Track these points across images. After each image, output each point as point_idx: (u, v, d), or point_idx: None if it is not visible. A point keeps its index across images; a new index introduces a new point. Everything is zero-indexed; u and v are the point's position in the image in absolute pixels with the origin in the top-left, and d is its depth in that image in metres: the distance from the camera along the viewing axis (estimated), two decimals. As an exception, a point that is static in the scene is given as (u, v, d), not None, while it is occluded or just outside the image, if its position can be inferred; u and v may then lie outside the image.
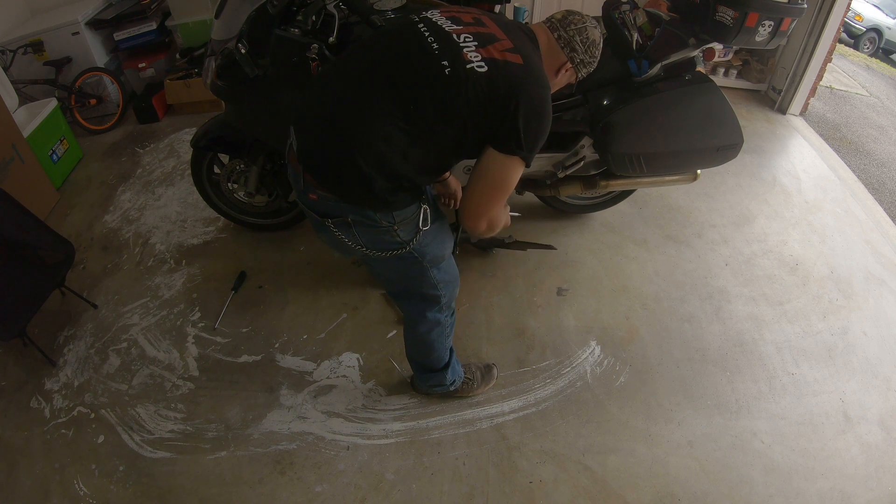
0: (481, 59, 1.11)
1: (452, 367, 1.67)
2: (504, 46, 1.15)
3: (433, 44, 1.14)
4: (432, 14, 1.22)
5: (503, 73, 1.12)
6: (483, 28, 1.18)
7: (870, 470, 1.66)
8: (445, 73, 1.10)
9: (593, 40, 1.27)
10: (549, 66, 1.27)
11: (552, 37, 1.26)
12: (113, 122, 3.38)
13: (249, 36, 1.66)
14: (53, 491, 1.59)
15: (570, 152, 2.09)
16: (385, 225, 1.23)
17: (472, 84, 1.10)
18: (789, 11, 1.68)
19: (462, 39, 1.14)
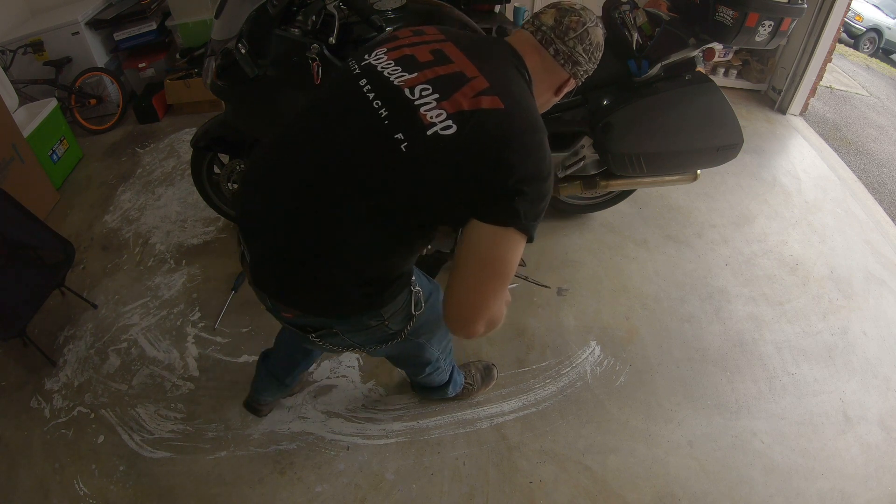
0: (446, 118, 0.84)
1: (454, 382, 1.66)
2: (476, 88, 0.87)
3: (380, 110, 0.87)
4: (377, 59, 0.94)
5: (479, 129, 0.84)
6: (446, 66, 0.90)
7: (870, 470, 1.66)
8: (402, 150, 0.84)
9: (598, 43, 1.01)
10: (545, 88, 1.03)
11: (547, 54, 0.99)
12: (113, 122, 3.37)
13: (249, 36, 1.66)
14: (53, 491, 1.59)
15: (570, 152, 2.09)
16: (375, 324, 1.05)
17: (440, 155, 0.84)
18: (789, 11, 1.68)
19: (418, 94, 0.87)
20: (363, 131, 0.88)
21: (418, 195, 0.87)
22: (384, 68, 0.92)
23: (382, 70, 0.91)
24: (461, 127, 0.84)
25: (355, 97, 0.91)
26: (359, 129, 0.89)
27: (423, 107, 0.85)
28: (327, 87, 1.02)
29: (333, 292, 0.95)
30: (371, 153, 0.87)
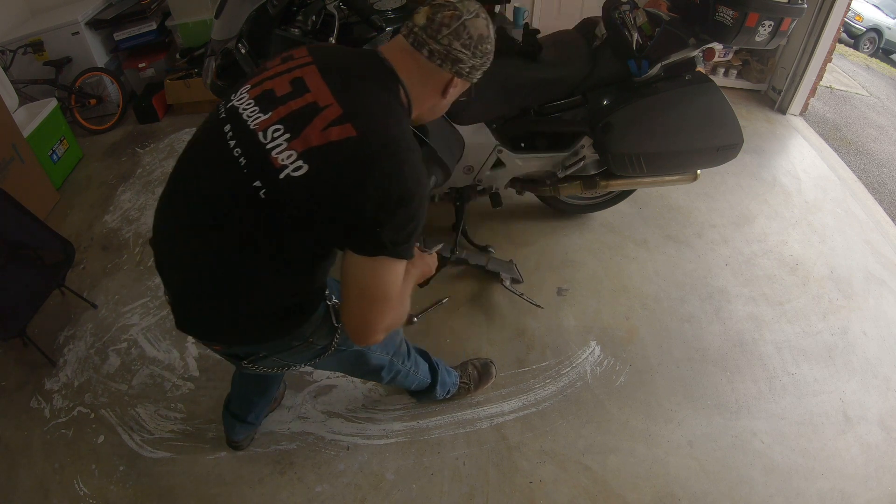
0: (296, 158, 0.82)
1: (441, 382, 1.64)
2: (328, 119, 0.84)
3: (240, 158, 0.87)
4: (240, 99, 0.92)
5: (328, 164, 0.82)
6: (302, 98, 0.87)
7: (870, 470, 1.66)
8: (261, 197, 0.84)
9: (480, 34, 0.94)
10: (428, 94, 0.99)
11: (421, 56, 0.94)
12: (113, 122, 3.37)
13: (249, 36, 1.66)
14: (53, 491, 1.59)
15: (570, 152, 2.09)
16: (298, 343, 1.06)
17: (295, 197, 0.83)
18: (789, 11, 1.68)
19: (270, 137, 0.85)
20: (228, 182, 0.88)
21: (288, 238, 0.88)
22: (244, 110, 0.90)
23: (242, 112, 0.90)
24: (311, 165, 0.82)
25: (219, 145, 0.90)
26: (223, 179, 0.89)
27: (274, 150, 0.84)
28: (199, 130, 1.00)
29: (245, 325, 0.98)
30: (237, 203, 0.88)
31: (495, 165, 2.10)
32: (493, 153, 2.06)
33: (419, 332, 2.01)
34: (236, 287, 0.94)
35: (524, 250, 2.35)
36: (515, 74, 1.91)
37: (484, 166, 2.10)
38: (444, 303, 2.10)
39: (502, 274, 2.14)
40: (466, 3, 0.95)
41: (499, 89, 1.93)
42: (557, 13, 3.88)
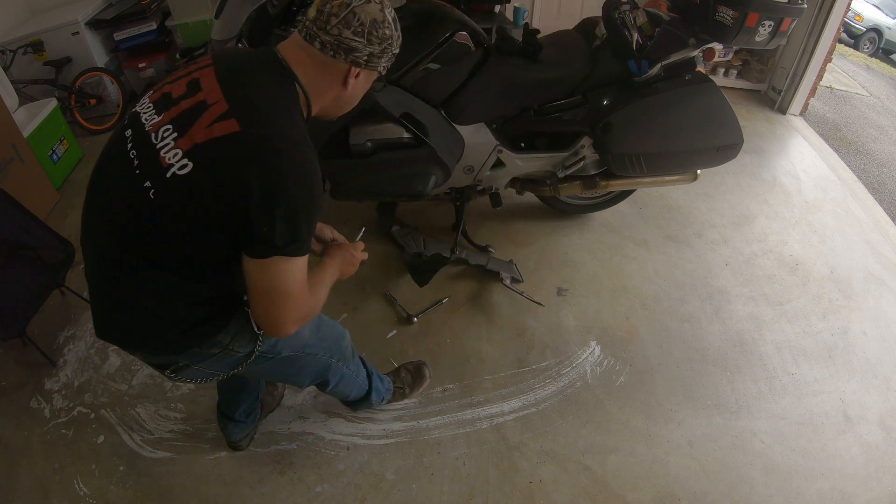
0: (182, 156, 0.83)
1: (376, 389, 1.60)
2: (214, 115, 0.83)
3: (134, 160, 0.87)
4: (142, 105, 0.93)
5: (210, 161, 0.83)
6: (193, 98, 0.87)
7: (870, 470, 1.66)
8: (151, 197, 0.84)
9: (373, 19, 0.91)
10: (327, 86, 0.97)
11: (314, 49, 0.92)
12: (113, 122, 3.37)
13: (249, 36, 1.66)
14: (53, 491, 1.59)
15: (570, 152, 2.09)
16: (217, 351, 1.03)
17: (179, 195, 0.83)
18: (789, 11, 1.68)
19: (160, 137, 0.85)
20: (124, 184, 0.89)
21: (179, 240, 0.87)
22: (143, 113, 0.91)
23: (142, 115, 0.91)
24: (195, 162, 0.82)
25: (119, 149, 0.91)
26: (122, 182, 0.90)
27: (163, 149, 0.84)
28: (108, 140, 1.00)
29: (159, 335, 0.98)
30: (130, 206, 0.88)
31: (495, 165, 2.10)
32: (493, 153, 2.06)
33: (419, 332, 2.01)
34: (143, 297, 0.94)
35: (524, 250, 2.35)
36: (515, 74, 1.91)
37: (484, 166, 2.10)
38: (444, 303, 2.10)
39: (502, 273, 2.14)
40: None
41: (499, 89, 1.93)
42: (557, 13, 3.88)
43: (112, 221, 0.92)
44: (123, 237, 0.90)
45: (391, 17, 0.96)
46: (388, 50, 0.97)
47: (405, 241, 2.25)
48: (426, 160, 1.90)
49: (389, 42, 0.96)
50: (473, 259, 2.20)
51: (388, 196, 2.08)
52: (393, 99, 1.81)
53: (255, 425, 1.67)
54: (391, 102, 1.80)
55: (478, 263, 2.19)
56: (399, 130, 1.87)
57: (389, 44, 0.96)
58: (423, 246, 2.22)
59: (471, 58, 1.89)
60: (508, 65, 1.92)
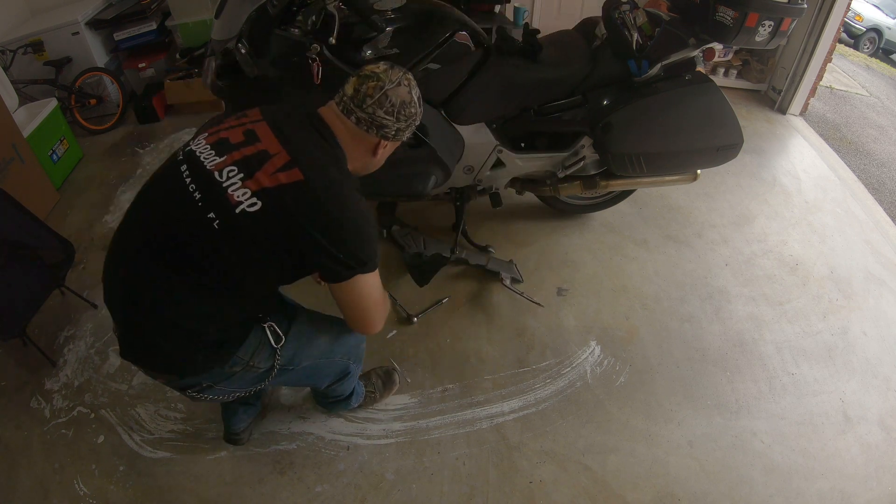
0: (251, 196, 0.95)
1: (356, 394, 1.64)
2: (277, 164, 0.96)
3: (195, 193, 0.98)
4: (197, 144, 1.05)
5: (281, 202, 0.95)
6: (254, 146, 1.00)
7: (870, 470, 1.66)
8: (215, 227, 0.95)
9: (402, 101, 1.06)
10: (360, 153, 1.11)
11: (349, 122, 1.06)
12: (113, 122, 3.37)
13: (249, 36, 1.66)
14: (53, 491, 1.59)
15: (570, 152, 2.09)
16: (239, 369, 1.11)
17: (248, 229, 0.95)
18: (789, 11, 1.68)
19: (226, 176, 0.97)
20: (181, 213, 0.99)
21: (235, 268, 0.99)
22: (201, 153, 1.02)
23: (199, 155, 1.02)
24: (265, 204, 0.95)
25: (176, 182, 1.01)
26: (179, 213, 0.99)
27: (230, 187, 0.96)
28: (156, 172, 1.11)
29: (188, 356, 1.06)
30: (188, 233, 0.98)
31: (495, 165, 2.10)
32: (493, 153, 2.06)
33: (419, 332, 2.01)
34: (182, 318, 1.02)
35: (524, 250, 2.35)
36: (515, 74, 1.91)
37: (484, 166, 2.10)
38: (444, 303, 2.10)
39: (502, 273, 2.14)
40: (390, 73, 1.06)
41: (499, 89, 1.93)
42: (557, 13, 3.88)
43: (163, 247, 1.00)
44: (177, 261, 0.99)
45: (416, 96, 1.10)
46: (412, 124, 1.12)
47: (405, 241, 2.25)
48: (426, 160, 1.90)
49: (414, 118, 1.11)
50: (473, 259, 2.20)
51: (388, 196, 2.08)
52: (393, 99, 1.81)
53: (259, 408, 1.68)
54: (391, 102, 1.80)
55: (478, 263, 2.19)
56: (399, 130, 1.87)
57: (414, 119, 1.12)
58: (423, 246, 2.23)
59: (471, 58, 1.89)
60: (508, 65, 1.92)
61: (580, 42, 2.01)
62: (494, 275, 2.16)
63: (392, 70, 1.07)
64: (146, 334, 1.05)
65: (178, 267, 0.99)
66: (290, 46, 1.65)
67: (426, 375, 1.87)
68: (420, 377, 1.86)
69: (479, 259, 2.21)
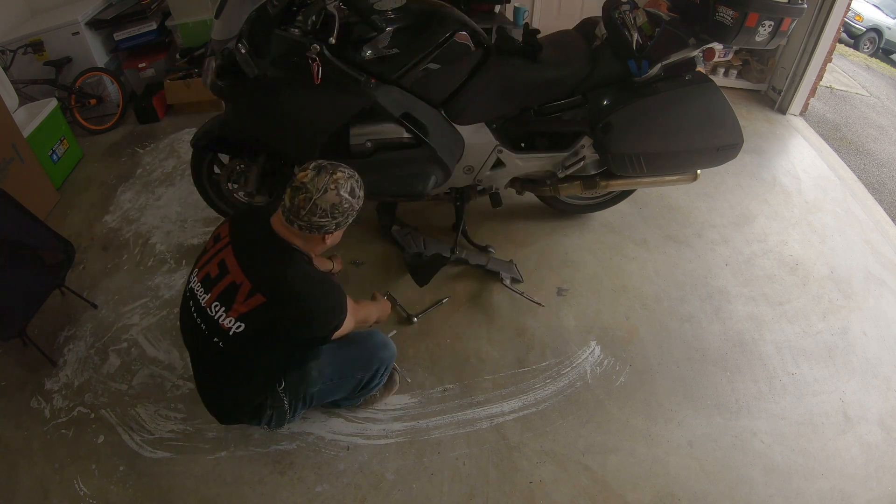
0: (235, 320, 1.26)
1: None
2: (244, 292, 1.25)
3: (201, 325, 1.31)
4: (194, 283, 1.36)
5: (257, 322, 1.26)
6: (225, 279, 1.28)
7: (870, 470, 1.66)
8: (220, 346, 1.29)
9: (332, 204, 1.24)
10: (311, 245, 1.34)
11: (294, 229, 1.28)
12: (113, 122, 3.37)
13: (249, 36, 1.66)
14: (53, 491, 1.59)
15: (570, 152, 2.09)
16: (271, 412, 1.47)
17: (242, 344, 1.27)
18: (789, 11, 1.68)
19: (214, 311, 1.28)
20: (198, 339, 1.34)
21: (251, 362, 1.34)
22: (197, 291, 1.34)
23: (196, 293, 1.34)
24: (246, 324, 1.26)
25: (189, 316, 1.36)
26: (196, 337, 1.36)
27: (220, 319, 1.28)
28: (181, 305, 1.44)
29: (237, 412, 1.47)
30: (207, 350, 1.33)
31: (495, 165, 2.10)
32: (493, 153, 2.06)
33: (419, 332, 2.01)
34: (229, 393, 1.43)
35: (524, 250, 2.35)
36: (515, 74, 1.91)
37: (484, 166, 2.10)
38: (444, 303, 2.10)
39: (502, 273, 2.14)
40: (316, 181, 1.23)
41: (499, 89, 1.93)
42: (557, 13, 3.88)
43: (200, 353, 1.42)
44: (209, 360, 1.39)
45: (347, 192, 1.26)
46: (350, 215, 1.31)
47: (405, 241, 2.25)
48: (426, 160, 1.90)
49: (351, 211, 1.30)
50: (473, 259, 2.20)
51: (388, 196, 2.08)
52: (393, 99, 1.81)
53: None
54: (391, 102, 1.80)
55: (478, 263, 2.19)
56: (399, 130, 1.87)
57: (351, 212, 1.30)
58: (423, 246, 2.23)
59: (471, 58, 1.89)
60: (508, 65, 1.92)
61: (580, 42, 2.01)
62: (494, 275, 2.16)
63: (318, 177, 1.24)
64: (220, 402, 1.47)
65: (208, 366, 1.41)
66: (290, 46, 1.65)
67: (426, 375, 1.87)
68: (420, 377, 1.86)
69: (479, 259, 2.21)
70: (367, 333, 1.58)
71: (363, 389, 1.61)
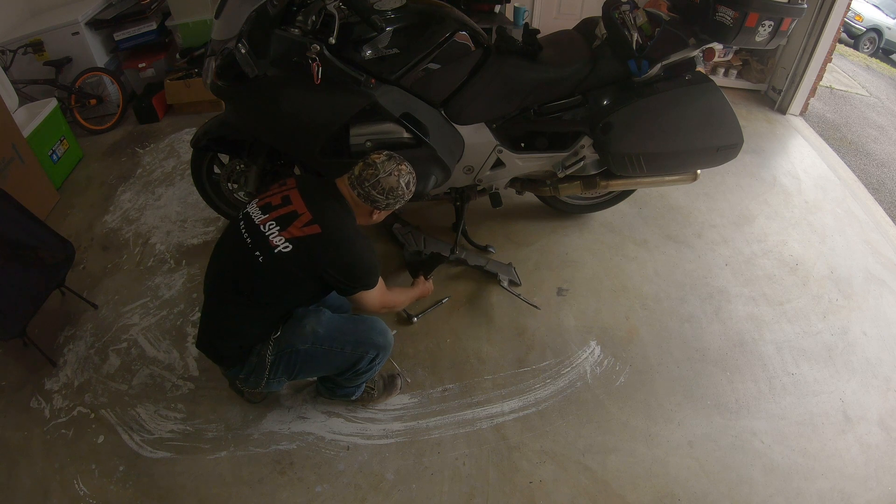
0: (285, 241, 1.36)
1: (358, 386, 1.70)
2: (303, 221, 1.37)
3: (247, 238, 1.40)
4: (251, 207, 1.46)
5: (305, 246, 1.36)
6: (287, 207, 1.41)
7: (870, 470, 1.66)
8: (259, 261, 1.37)
9: (391, 187, 1.42)
10: (360, 213, 1.48)
11: (353, 194, 1.44)
12: (113, 122, 3.37)
13: (249, 36, 1.66)
14: (53, 491, 1.59)
15: (569, 152, 2.09)
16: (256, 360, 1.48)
17: (283, 263, 1.36)
18: (789, 11, 1.68)
19: (268, 228, 1.38)
20: (239, 253, 1.42)
21: (269, 293, 1.41)
22: (253, 213, 1.44)
23: (250, 213, 1.44)
24: (294, 246, 1.36)
25: (236, 232, 1.45)
26: (237, 251, 1.43)
27: (270, 235, 1.37)
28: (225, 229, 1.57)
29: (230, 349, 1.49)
30: (243, 266, 1.41)
31: (495, 165, 2.10)
32: (493, 153, 2.06)
33: (419, 332, 2.01)
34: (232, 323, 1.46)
35: (524, 250, 2.35)
36: (515, 74, 1.91)
37: (484, 166, 2.10)
38: (444, 303, 2.10)
39: (500, 275, 2.14)
40: (385, 165, 1.43)
41: (499, 89, 1.93)
42: (557, 13, 3.88)
43: (227, 274, 1.46)
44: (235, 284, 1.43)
45: (404, 183, 1.45)
46: (400, 201, 1.48)
47: (405, 239, 2.25)
48: (426, 160, 1.90)
49: (401, 198, 1.47)
50: (472, 260, 2.20)
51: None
52: (393, 99, 1.81)
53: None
54: (391, 102, 1.80)
55: (476, 264, 2.19)
56: (399, 130, 1.87)
57: (402, 198, 1.48)
58: (423, 244, 2.23)
59: (471, 58, 1.89)
60: (508, 65, 1.92)
61: (580, 42, 2.01)
62: (493, 275, 2.16)
63: (388, 162, 1.43)
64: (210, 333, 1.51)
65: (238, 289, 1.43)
66: (290, 46, 1.65)
67: (426, 375, 1.87)
68: (420, 377, 1.86)
69: (478, 260, 2.21)
70: (371, 318, 1.59)
71: (353, 374, 1.58)
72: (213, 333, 1.50)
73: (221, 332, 1.48)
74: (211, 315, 1.52)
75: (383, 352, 1.58)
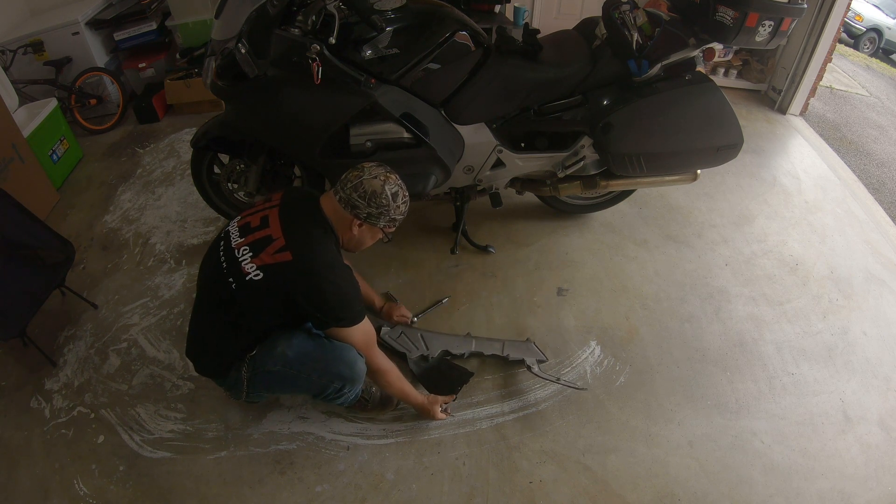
0: (256, 269, 1.32)
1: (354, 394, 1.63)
2: (276, 248, 1.32)
3: (223, 263, 1.38)
4: (232, 226, 1.44)
5: (275, 276, 1.32)
6: (263, 231, 1.36)
7: (870, 470, 1.66)
8: (233, 288, 1.35)
9: (374, 191, 1.34)
10: (341, 227, 1.41)
11: (334, 200, 1.38)
12: (113, 122, 3.38)
13: (249, 36, 1.66)
14: (53, 491, 1.59)
15: (570, 152, 2.09)
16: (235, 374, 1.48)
17: (253, 291, 1.33)
18: (789, 11, 1.68)
19: (241, 253, 1.35)
20: (216, 274, 1.40)
21: (246, 316, 1.40)
22: (232, 234, 1.42)
23: (230, 234, 1.42)
24: (265, 275, 1.32)
25: (216, 253, 1.43)
26: (215, 272, 1.41)
27: (243, 262, 1.34)
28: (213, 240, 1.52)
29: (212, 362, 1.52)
30: (219, 288, 1.39)
31: (495, 165, 2.10)
32: (493, 153, 2.06)
33: (419, 332, 2.01)
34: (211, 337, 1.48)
35: (524, 250, 2.35)
36: (515, 74, 1.91)
37: (484, 166, 2.10)
38: (444, 303, 2.10)
39: (526, 360, 1.85)
40: (373, 169, 1.37)
41: (499, 89, 1.93)
42: (557, 13, 3.89)
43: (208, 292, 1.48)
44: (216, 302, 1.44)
45: (390, 192, 1.37)
46: (384, 214, 1.38)
47: (402, 344, 1.91)
48: (426, 160, 1.90)
49: (386, 208, 1.37)
50: (488, 350, 1.90)
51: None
52: (393, 99, 1.81)
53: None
54: (391, 102, 1.80)
55: (494, 354, 1.89)
56: (399, 130, 1.87)
57: (386, 209, 1.37)
58: (424, 345, 1.91)
59: (471, 58, 1.89)
60: (508, 65, 1.92)
61: (580, 42, 2.01)
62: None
63: (377, 168, 1.38)
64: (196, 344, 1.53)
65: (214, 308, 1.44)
66: (290, 46, 1.65)
67: (426, 375, 1.87)
68: (420, 377, 1.86)
69: (495, 348, 1.90)
70: (343, 346, 1.47)
71: (324, 397, 1.54)
72: (198, 345, 1.51)
73: (204, 345, 1.50)
74: (196, 327, 1.53)
75: (349, 384, 1.49)
